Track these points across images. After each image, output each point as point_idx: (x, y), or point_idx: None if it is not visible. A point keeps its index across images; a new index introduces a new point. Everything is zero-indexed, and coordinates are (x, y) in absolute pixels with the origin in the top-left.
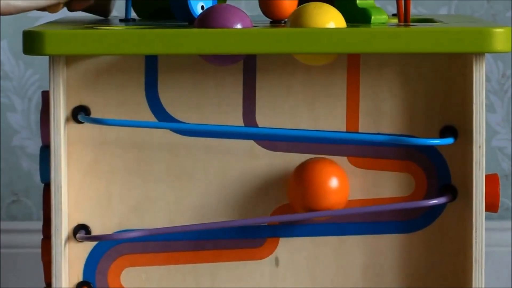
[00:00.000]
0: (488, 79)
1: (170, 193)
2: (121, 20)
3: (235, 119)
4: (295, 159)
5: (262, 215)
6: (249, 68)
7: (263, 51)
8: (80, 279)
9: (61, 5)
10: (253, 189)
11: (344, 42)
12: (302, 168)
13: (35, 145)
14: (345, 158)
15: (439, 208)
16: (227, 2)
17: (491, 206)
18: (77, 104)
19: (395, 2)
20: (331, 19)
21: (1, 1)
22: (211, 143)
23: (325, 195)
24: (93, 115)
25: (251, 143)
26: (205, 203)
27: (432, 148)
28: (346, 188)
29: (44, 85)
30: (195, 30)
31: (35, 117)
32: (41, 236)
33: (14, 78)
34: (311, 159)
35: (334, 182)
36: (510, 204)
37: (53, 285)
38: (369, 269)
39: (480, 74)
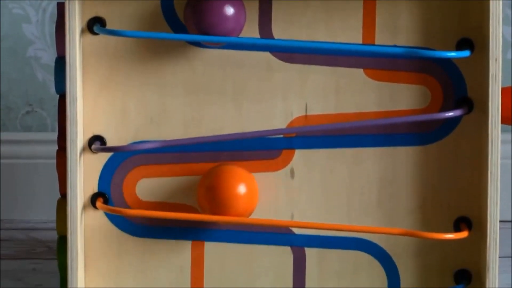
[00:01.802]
0: None
1: (186, 105)
2: None
3: (251, 32)
4: (311, 70)
5: (278, 126)
6: None
7: None
8: (95, 190)
9: None
10: (269, 101)
11: None
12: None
13: (49, 56)
14: (361, 70)
15: (455, 120)
16: None
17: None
18: (93, 15)
19: None
20: None
21: None
22: (227, 55)
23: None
24: (109, 26)
25: (267, 55)
26: (221, 115)
27: (448, 60)
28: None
29: None
30: None
31: (49, 28)
32: (56, 147)
33: None
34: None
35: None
36: None
37: (68, 195)
38: (384, 181)
39: None
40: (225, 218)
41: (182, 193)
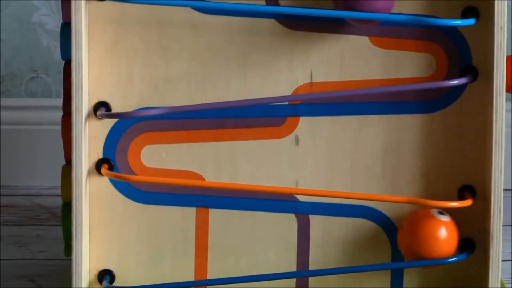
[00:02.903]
0: None
1: (191, 71)
2: None
3: None
4: (317, 38)
5: (283, 94)
6: None
7: None
8: (100, 156)
9: None
10: (275, 68)
11: None
12: None
13: (54, 22)
14: (366, 38)
15: (459, 89)
16: None
17: None
18: None
19: None
20: None
21: None
22: (233, 22)
23: None
24: None
25: (273, 22)
26: (226, 82)
27: (453, 28)
28: None
29: None
30: None
31: None
32: (61, 113)
33: None
34: None
35: None
36: None
37: (73, 161)
38: (389, 148)
39: None
40: (229, 185)
41: (187, 160)
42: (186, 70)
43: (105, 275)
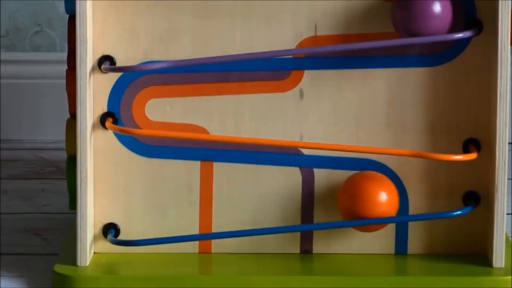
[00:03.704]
0: None
1: (195, 25)
2: None
3: None
4: None
5: (287, 47)
6: None
7: None
8: (105, 110)
9: None
10: (279, 21)
11: None
12: None
13: None
14: None
15: (464, 42)
16: None
17: None
18: None
19: None
20: None
21: None
22: None
23: None
24: None
25: None
26: (230, 35)
27: None
28: None
29: None
30: None
31: None
32: (66, 67)
33: None
34: None
35: None
36: None
37: (78, 115)
38: (393, 102)
39: None
40: (234, 138)
41: (191, 113)
42: (190, 23)
43: (110, 229)
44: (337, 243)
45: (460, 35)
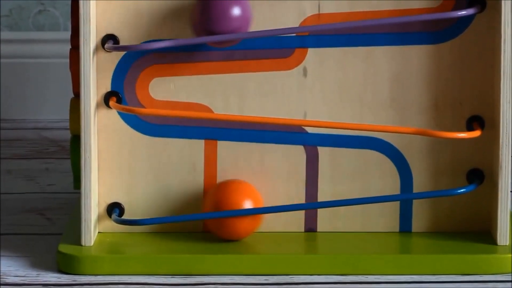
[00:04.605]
0: None
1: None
2: None
3: None
4: None
5: (291, 25)
6: None
7: None
8: (108, 89)
9: None
10: None
11: None
12: None
13: None
14: None
15: (467, 19)
16: None
17: None
18: None
19: None
20: None
21: None
22: None
23: None
24: None
25: None
26: None
27: None
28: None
29: None
30: None
31: None
32: (69, 46)
33: None
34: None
35: None
36: None
37: (81, 94)
38: (397, 79)
39: None
40: (238, 117)
41: (195, 92)
42: (194, 2)
43: (114, 208)
44: (341, 221)
45: (463, 12)
